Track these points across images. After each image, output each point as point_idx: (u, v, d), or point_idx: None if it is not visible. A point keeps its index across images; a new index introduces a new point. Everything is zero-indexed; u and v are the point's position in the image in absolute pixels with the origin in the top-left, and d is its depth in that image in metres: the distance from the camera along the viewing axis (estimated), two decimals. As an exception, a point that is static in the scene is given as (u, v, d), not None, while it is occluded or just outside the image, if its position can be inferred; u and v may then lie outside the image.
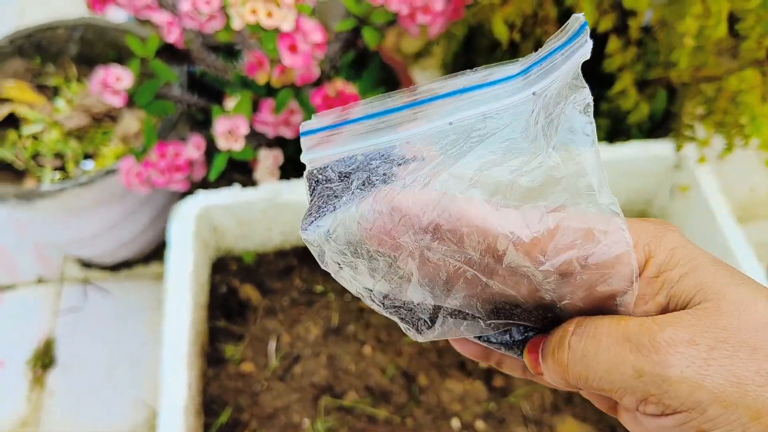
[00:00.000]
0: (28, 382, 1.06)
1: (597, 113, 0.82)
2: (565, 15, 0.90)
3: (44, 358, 1.08)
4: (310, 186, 0.28)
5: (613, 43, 0.85)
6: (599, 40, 0.88)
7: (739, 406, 0.22)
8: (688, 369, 0.23)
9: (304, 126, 0.28)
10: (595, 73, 1.05)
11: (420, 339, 0.30)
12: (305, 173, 0.28)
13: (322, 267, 0.30)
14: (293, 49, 0.70)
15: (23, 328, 1.11)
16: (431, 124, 0.27)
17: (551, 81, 0.26)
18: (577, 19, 0.25)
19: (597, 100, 1.03)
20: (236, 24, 0.70)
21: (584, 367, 0.25)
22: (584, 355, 0.25)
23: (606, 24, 0.83)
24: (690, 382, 0.23)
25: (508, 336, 0.30)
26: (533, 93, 0.26)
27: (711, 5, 0.65)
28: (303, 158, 0.28)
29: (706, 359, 0.23)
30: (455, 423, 0.81)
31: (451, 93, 0.27)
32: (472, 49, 1.14)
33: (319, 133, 0.28)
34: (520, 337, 0.30)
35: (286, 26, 0.69)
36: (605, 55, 0.87)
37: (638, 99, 0.90)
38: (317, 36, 0.71)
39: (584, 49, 0.26)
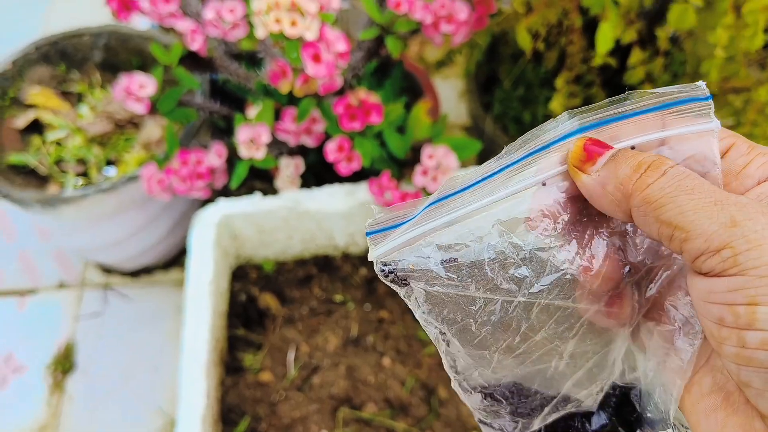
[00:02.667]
0: (47, 386, 1.07)
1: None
2: (590, 24, 0.89)
3: (64, 363, 1.08)
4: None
5: (636, 55, 0.84)
6: (626, 50, 0.87)
7: None
8: None
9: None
10: (616, 86, 1.03)
11: None
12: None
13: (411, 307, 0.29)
14: (317, 58, 0.69)
15: (44, 333, 1.12)
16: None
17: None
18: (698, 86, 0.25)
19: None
20: (260, 33, 0.69)
21: (670, 197, 0.23)
22: (678, 185, 0.23)
23: (631, 35, 0.82)
24: None
25: None
26: None
27: (747, 17, 0.64)
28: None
29: None
30: (475, 437, 0.80)
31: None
32: (494, 58, 1.13)
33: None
34: None
35: (310, 35, 0.69)
36: (628, 67, 0.86)
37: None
38: (341, 45, 0.70)
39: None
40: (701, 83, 0.25)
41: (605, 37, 0.76)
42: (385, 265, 0.27)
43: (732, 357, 0.22)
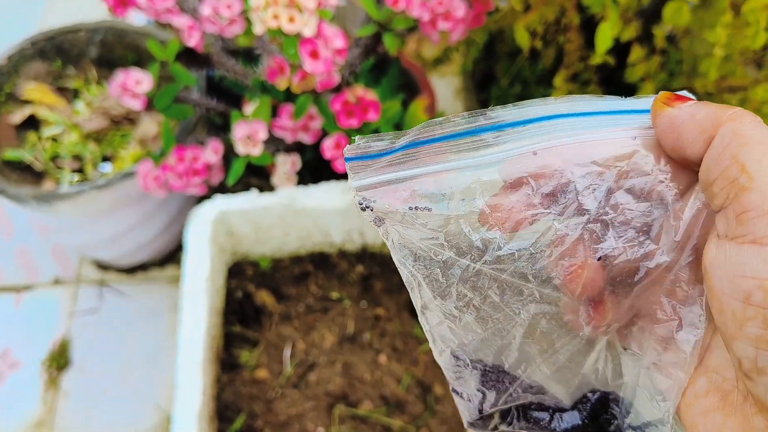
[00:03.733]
0: (43, 382, 1.06)
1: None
2: (587, 23, 0.89)
3: (60, 359, 1.08)
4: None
5: (636, 53, 0.84)
6: (623, 49, 0.87)
7: None
8: None
9: (362, 149, 0.27)
10: (616, 83, 1.03)
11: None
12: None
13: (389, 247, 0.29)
14: (314, 54, 0.69)
15: (40, 329, 1.12)
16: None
17: None
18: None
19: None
20: (257, 29, 0.69)
21: (757, 141, 0.22)
22: (745, 139, 0.22)
23: (630, 33, 0.82)
24: None
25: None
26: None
27: (748, 16, 0.64)
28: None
29: None
30: (471, 434, 0.80)
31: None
32: (491, 56, 1.13)
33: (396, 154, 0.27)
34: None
35: (308, 32, 0.68)
36: (628, 65, 0.86)
37: (661, 108, 0.88)
38: (339, 42, 0.70)
39: None
40: (686, 92, 0.26)
41: (605, 36, 0.76)
42: (364, 199, 0.27)
43: (753, 340, 0.21)
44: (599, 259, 0.26)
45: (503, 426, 0.31)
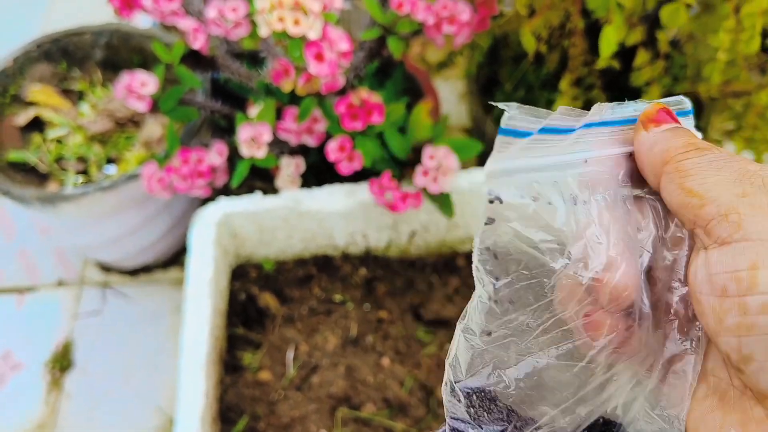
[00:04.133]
0: (45, 384, 1.07)
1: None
2: (592, 27, 0.89)
3: (62, 361, 1.08)
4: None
5: (642, 57, 0.84)
6: (627, 53, 0.87)
7: None
8: None
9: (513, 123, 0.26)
10: (621, 88, 1.04)
11: None
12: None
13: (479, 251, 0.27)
14: (319, 57, 0.69)
15: (42, 331, 1.12)
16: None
17: None
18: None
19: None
20: (263, 31, 0.69)
21: (699, 169, 0.24)
22: (710, 163, 0.24)
23: (634, 37, 0.82)
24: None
25: None
26: None
27: (744, 20, 0.64)
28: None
29: None
30: (473, 438, 0.80)
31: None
32: (495, 60, 1.14)
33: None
34: None
35: (313, 34, 0.69)
36: (633, 69, 0.86)
37: (665, 113, 0.89)
38: (343, 45, 0.70)
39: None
40: (681, 97, 0.27)
41: (609, 40, 0.76)
42: (491, 190, 0.25)
43: (734, 329, 0.23)
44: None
45: None
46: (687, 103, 0.27)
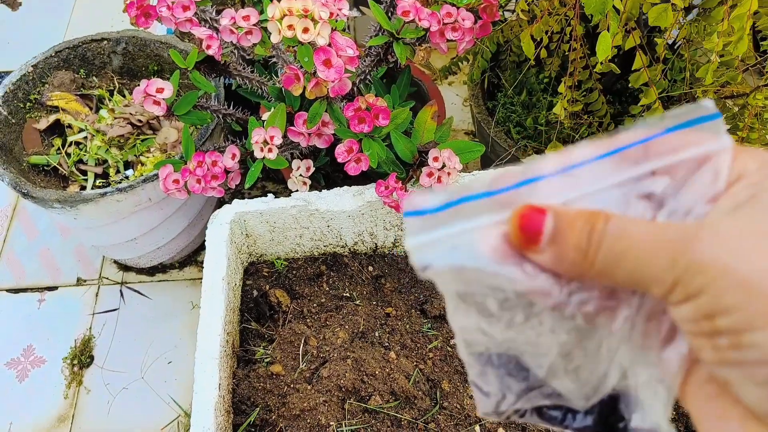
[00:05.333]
0: (65, 378, 1.10)
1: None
2: (590, 32, 0.92)
3: (82, 357, 1.12)
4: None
5: (639, 60, 0.87)
6: (624, 56, 0.90)
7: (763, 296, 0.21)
8: (723, 255, 0.22)
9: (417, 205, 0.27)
10: (620, 91, 1.06)
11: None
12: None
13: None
14: (327, 63, 0.73)
15: (63, 328, 1.16)
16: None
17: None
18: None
19: (621, 116, 1.05)
20: (274, 38, 0.73)
21: (616, 264, 0.25)
22: (618, 255, 0.25)
23: (631, 42, 0.85)
24: (719, 267, 0.22)
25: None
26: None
27: (733, 22, 0.67)
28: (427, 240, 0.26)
29: (746, 248, 0.22)
30: (477, 429, 0.83)
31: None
32: (498, 66, 1.17)
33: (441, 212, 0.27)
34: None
35: (322, 41, 0.72)
36: (631, 71, 0.89)
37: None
38: (350, 50, 0.74)
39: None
40: (707, 102, 0.26)
41: (605, 45, 0.79)
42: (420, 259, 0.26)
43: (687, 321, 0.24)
44: None
45: (515, 416, 0.32)
46: (709, 108, 0.25)
